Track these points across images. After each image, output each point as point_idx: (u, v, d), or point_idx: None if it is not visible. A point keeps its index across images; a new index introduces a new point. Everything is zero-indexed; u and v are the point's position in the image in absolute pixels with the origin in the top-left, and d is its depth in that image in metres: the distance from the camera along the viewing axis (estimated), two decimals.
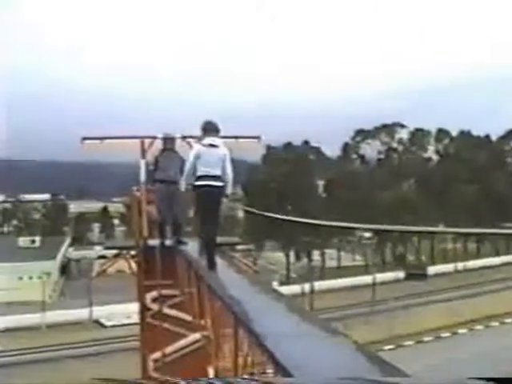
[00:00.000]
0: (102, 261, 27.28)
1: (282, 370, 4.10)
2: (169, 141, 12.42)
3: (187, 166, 8.60)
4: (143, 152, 13.96)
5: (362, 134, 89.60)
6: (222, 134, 8.80)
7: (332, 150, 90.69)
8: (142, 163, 13.53)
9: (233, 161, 8.66)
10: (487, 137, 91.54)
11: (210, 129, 8.48)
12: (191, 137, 12.73)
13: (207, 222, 8.56)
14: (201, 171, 8.24)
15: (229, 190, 8.47)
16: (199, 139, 8.75)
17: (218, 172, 8.22)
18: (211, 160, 8.23)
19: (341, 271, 74.11)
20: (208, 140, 8.35)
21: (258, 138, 15.46)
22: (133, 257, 14.43)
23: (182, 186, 9.00)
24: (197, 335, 11.48)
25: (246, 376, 5.56)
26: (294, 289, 55.93)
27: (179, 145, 12.72)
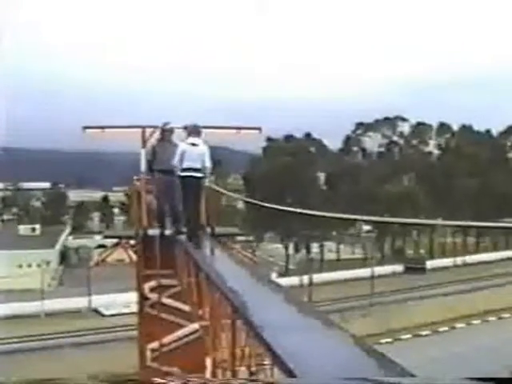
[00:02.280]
0: (102, 250, 27.35)
1: (279, 362, 4.10)
2: (166, 131, 12.40)
3: (174, 160, 10.26)
4: (144, 141, 13.93)
5: (363, 127, 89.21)
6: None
7: (333, 143, 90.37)
8: (143, 153, 13.48)
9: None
10: (488, 132, 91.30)
11: (193, 131, 10.39)
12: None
13: (190, 207, 10.39)
14: (185, 165, 10.15)
15: (207, 179, 10.64)
16: (185, 138, 10.55)
17: (198, 165, 10.18)
18: (193, 156, 10.17)
19: (340, 264, 74.16)
20: (191, 140, 10.27)
21: (258, 129, 15.46)
22: (132, 246, 14.43)
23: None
24: (195, 325, 11.50)
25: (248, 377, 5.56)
26: (293, 280, 56.02)
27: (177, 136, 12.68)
